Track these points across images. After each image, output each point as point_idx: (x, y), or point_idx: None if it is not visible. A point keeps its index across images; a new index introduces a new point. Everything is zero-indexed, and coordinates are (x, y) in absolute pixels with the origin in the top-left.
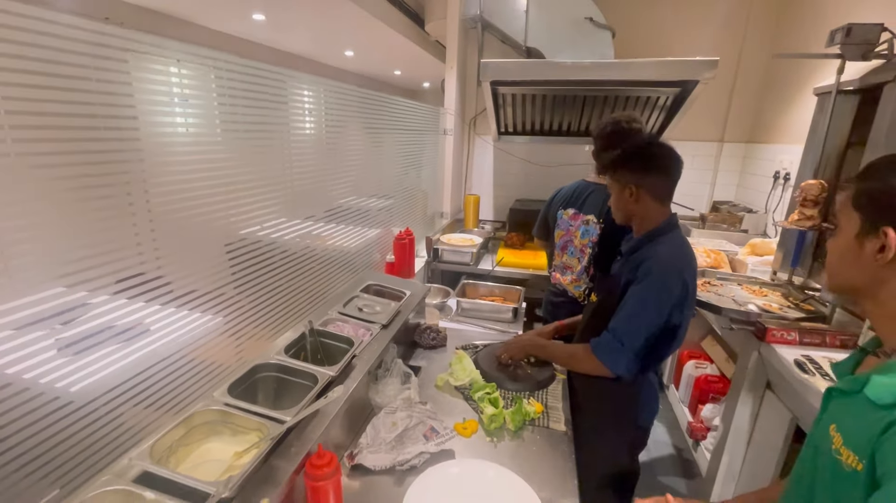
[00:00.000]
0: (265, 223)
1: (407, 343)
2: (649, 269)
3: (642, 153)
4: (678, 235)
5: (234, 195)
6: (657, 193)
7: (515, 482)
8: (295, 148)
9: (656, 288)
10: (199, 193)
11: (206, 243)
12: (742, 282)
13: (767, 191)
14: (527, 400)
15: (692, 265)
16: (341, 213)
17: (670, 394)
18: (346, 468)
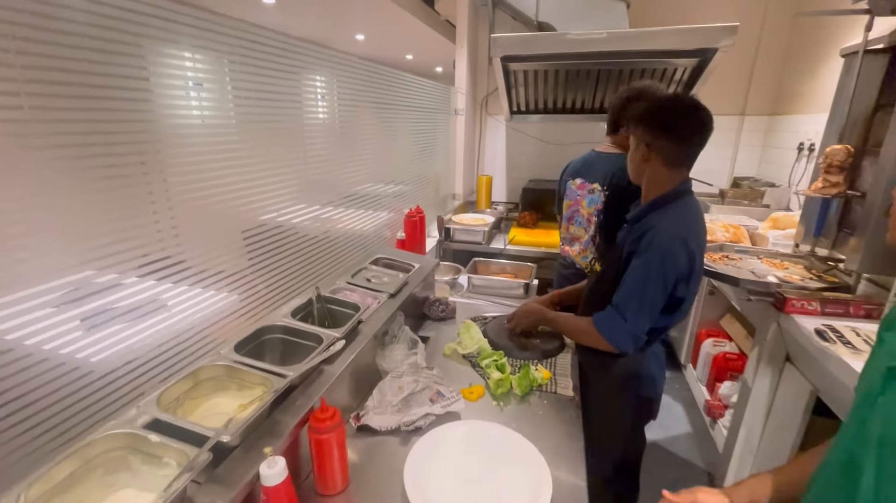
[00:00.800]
0: (282, 209)
1: (416, 315)
2: (651, 241)
3: (661, 110)
4: (688, 203)
5: (250, 182)
6: (669, 158)
7: (520, 442)
8: (308, 132)
9: (658, 260)
10: (216, 182)
11: (223, 229)
12: (762, 255)
13: (791, 164)
14: (534, 367)
15: (700, 234)
16: (356, 199)
17: (687, 373)
18: (351, 429)
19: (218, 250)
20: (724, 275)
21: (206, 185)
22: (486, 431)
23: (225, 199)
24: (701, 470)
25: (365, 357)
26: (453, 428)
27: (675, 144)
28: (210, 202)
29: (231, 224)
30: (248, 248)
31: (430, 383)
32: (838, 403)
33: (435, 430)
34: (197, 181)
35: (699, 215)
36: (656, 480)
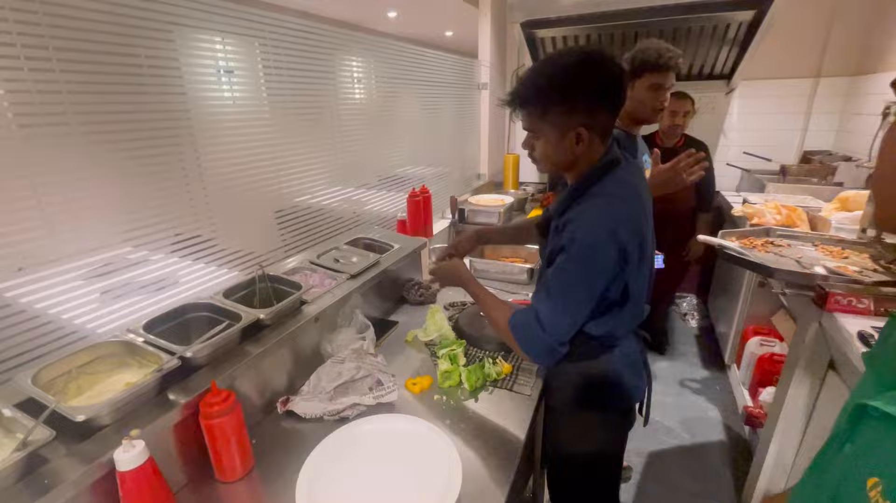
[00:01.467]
0: (315, 191)
1: (395, 298)
2: (572, 237)
3: (584, 79)
4: (618, 179)
5: (282, 163)
6: (606, 130)
7: (441, 445)
8: (339, 114)
9: (580, 261)
10: (249, 163)
11: (255, 209)
12: (818, 241)
13: (873, 134)
14: (493, 361)
15: (633, 217)
16: (388, 181)
17: (731, 374)
18: (278, 414)
19: (250, 229)
20: (753, 263)
21: (238, 167)
22: (408, 428)
23: (257, 180)
24: (729, 486)
25: (309, 339)
26: (374, 422)
27: (609, 107)
28: (243, 183)
29: (263, 204)
30: (280, 227)
31: (372, 371)
32: None
33: (350, 425)
34: (230, 163)
35: (636, 190)
36: (676, 492)
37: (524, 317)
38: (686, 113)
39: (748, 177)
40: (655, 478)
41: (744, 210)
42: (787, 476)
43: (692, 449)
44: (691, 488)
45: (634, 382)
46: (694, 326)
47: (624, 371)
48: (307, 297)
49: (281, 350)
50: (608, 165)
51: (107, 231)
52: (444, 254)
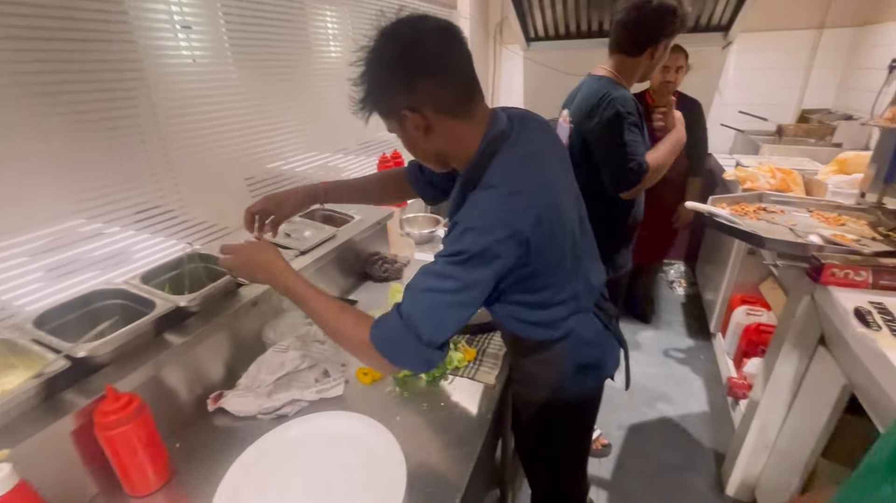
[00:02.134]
0: (289, 156)
1: (358, 274)
2: (461, 239)
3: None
4: (507, 158)
5: (253, 128)
6: (447, 105)
7: (385, 446)
8: (318, 77)
9: (464, 266)
10: (216, 129)
11: (224, 177)
12: (813, 207)
13: (877, 90)
14: (454, 345)
15: (533, 203)
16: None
17: (716, 343)
18: (208, 412)
19: (219, 199)
20: (744, 232)
21: (203, 131)
22: (350, 428)
23: (225, 144)
24: (709, 457)
25: (248, 325)
26: (313, 421)
27: (438, 80)
28: (209, 148)
29: (233, 171)
30: (253, 195)
31: (319, 360)
32: (876, 407)
33: (287, 425)
34: (193, 126)
35: (534, 163)
36: (655, 465)
37: (390, 322)
38: (679, 68)
39: (742, 138)
40: (635, 451)
41: (736, 174)
42: (769, 451)
43: (674, 421)
44: (672, 461)
45: (598, 364)
46: (681, 294)
47: (583, 356)
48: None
49: (211, 339)
50: (491, 146)
51: (54, 201)
52: (248, 223)
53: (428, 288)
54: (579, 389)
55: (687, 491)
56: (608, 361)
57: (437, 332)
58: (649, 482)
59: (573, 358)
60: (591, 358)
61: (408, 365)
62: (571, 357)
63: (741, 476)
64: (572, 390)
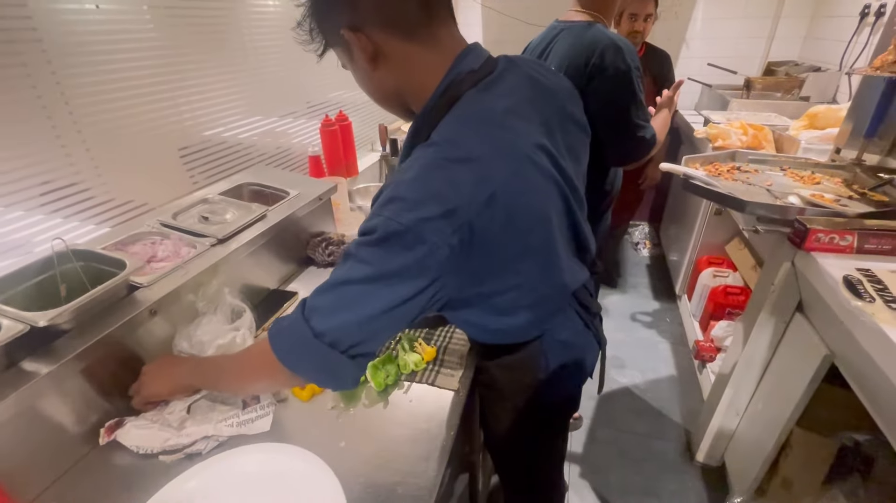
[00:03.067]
0: (229, 123)
1: (299, 260)
2: (381, 213)
3: None
4: (469, 110)
5: (185, 91)
6: (397, 21)
7: (326, 486)
8: (257, 33)
9: (380, 252)
10: (136, 91)
11: (152, 148)
12: (787, 165)
13: (847, 39)
14: (409, 344)
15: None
16: (323, 108)
17: (681, 305)
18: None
19: (147, 173)
20: (726, 196)
21: (121, 96)
22: (281, 466)
23: (151, 111)
24: (678, 424)
25: (150, 337)
26: (233, 458)
27: None
28: (129, 114)
29: (163, 141)
30: (188, 169)
31: None
32: (859, 377)
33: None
34: (107, 90)
35: (510, 123)
36: (626, 435)
37: (291, 324)
38: (648, 16)
39: (709, 92)
40: (606, 421)
41: (707, 131)
42: (740, 418)
43: (642, 386)
44: (641, 429)
45: (577, 364)
46: (645, 256)
47: (559, 359)
48: (140, 279)
49: (100, 358)
50: (453, 87)
51: None
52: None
53: (339, 276)
54: (554, 395)
55: (657, 459)
56: (587, 362)
57: (343, 333)
58: (620, 453)
59: (547, 361)
60: (569, 359)
61: (308, 372)
62: (545, 360)
63: (711, 442)
64: (546, 396)
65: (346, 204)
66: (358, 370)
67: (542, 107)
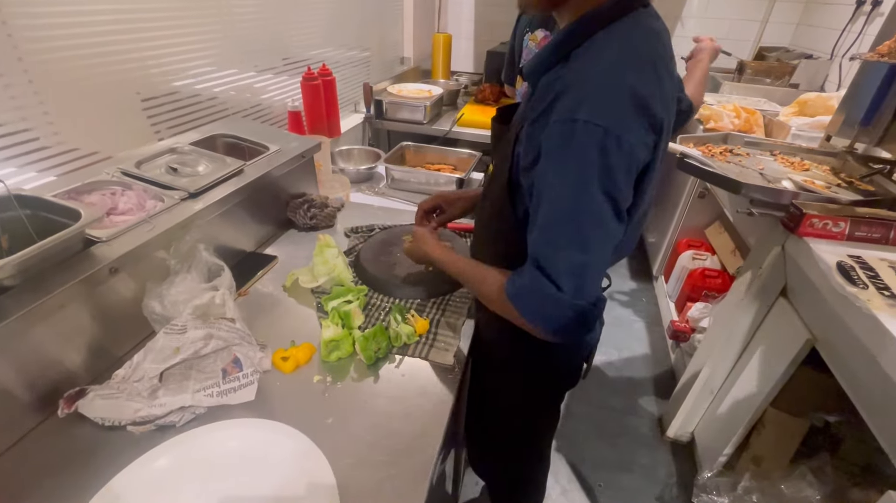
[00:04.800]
0: (200, 74)
1: (279, 222)
2: (570, 117)
3: None
4: (642, 24)
5: (148, 36)
6: None
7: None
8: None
9: (590, 157)
10: (89, 28)
11: (111, 95)
12: (778, 150)
13: (840, 27)
14: (401, 316)
15: (658, 69)
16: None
17: (657, 286)
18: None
19: (105, 121)
20: (722, 177)
21: (72, 30)
22: (262, 442)
23: (109, 54)
24: (651, 401)
25: (122, 295)
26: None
27: None
28: (85, 55)
29: (124, 89)
30: (152, 123)
31: (229, 342)
32: (840, 361)
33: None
34: (55, 22)
35: (659, 48)
36: (601, 410)
37: (524, 279)
38: None
39: None
40: (581, 397)
41: (700, 112)
42: (713, 396)
43: (617, 364)
44: (616, 405)
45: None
46: None
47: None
48: (98, 233)
49: (45, 322)
50: (623, 3)
51: None
52: (419, 218)
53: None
54: (562, 362)
55: (630, 434)
56: (594, 335)
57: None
58: (595, 427)
59: None
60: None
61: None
62: None
63: (682, 419)
64: (555, 360)
65: (329, 165)
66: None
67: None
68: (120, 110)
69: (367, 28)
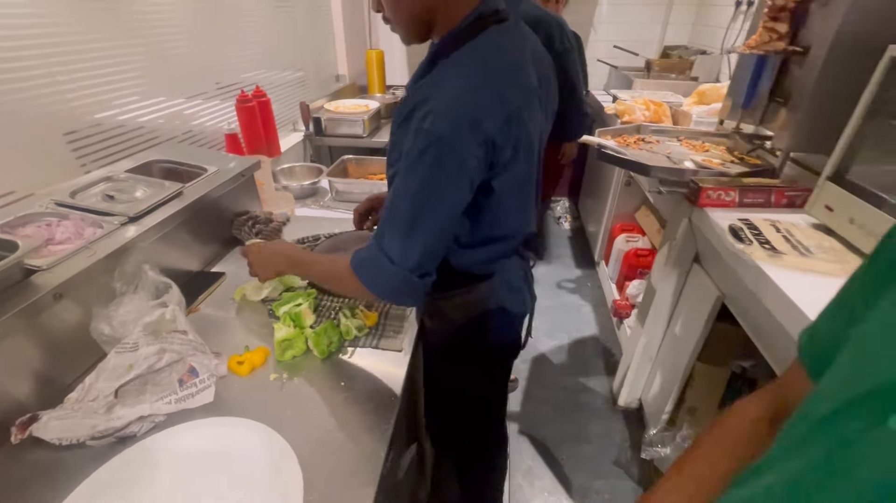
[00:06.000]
0: (126, 105)
1: (224, 240)
2: (420, 128)
3: None
4: (493, 39)
5: (68, 67)
6: None
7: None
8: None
9: (431, 162)
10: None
11: (28, 132)
12: (682, 136)
13: (725, 25)
14: (351, 312)
15: (506, 99)
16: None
17: (600, 270)
18: (23, 444)
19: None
20: (634, 162)
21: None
22: (224, 439)
23: (26, 89)
24: (602, 376)
25: (66, 321)
26: (171, 438)
27: None
28: None
29: (41, 124)
30: (78, 157)
31: (183, 354)
32: (745, 312)
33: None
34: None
35: (517, 61)
36: (557, 391)
37: (366, 252)
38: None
39: (616, 73)
40: (539, 381)
41: (616, 107)
42: (652, 362)
43: (569, 346)
44: (571, 384)
45: (518, 311)
46: (567, 228)
47: (507, 300)
48: (38, 262)
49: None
50: (479, 22)
51: None
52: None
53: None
54: (502, 334)
55: (586, 409)
56: (527, 307)
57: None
58: (554, 408)
59: (497, 299)
60: (514, 300)
61: (382, 287)
62: (495, 299)
63: (630, 388)
64: (495, 335)
65: (271, 183)
66: (426, 287)
67: (530, 51)
68: (40, 146)
69: (300, 49)
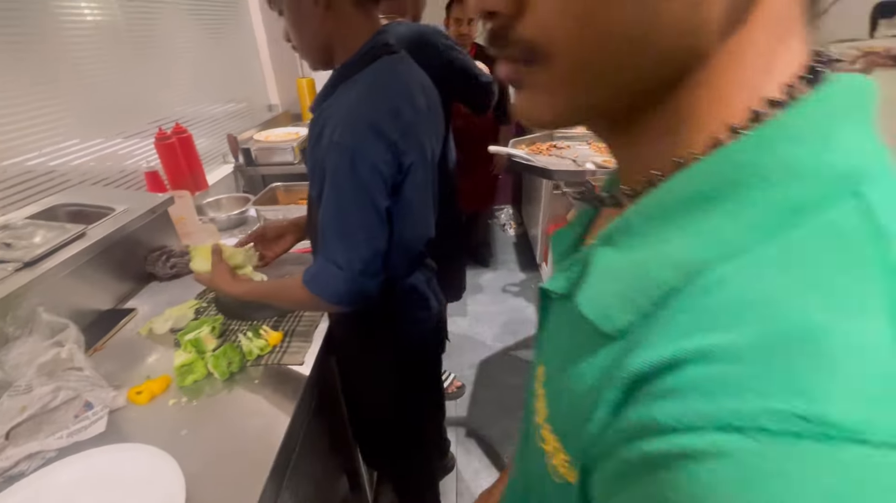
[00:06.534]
0: (46, 147)
1: (137, 276)
2: (329, 145)
3: None
4: (387, 67)
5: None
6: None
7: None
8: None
9: (347, 173)
10: None
11: None
12: (590, 139)
13: None
14: (254, 333)
15: (400, 114)
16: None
17: (543, 272)
18: None
19: None
20: (537, 168)
21: None
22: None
23: None
24: None
25: None
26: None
27: None
28: None
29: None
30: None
31: (80, 391)
32: None
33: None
34: None
35: (407, 86)
36: (502, 391)
37: (314, 267)
38: (471, 20)
39: None
40: (485, 384)
41: None
42: None
43: (514, 346)
44: (514, 383)
45: (423, 311)
46: (512, 235)
47: (409, 302)
48: None
49: None
50: (372, 52)
51: None
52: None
53: (327, 213)
54: (411, 336)
55: None
56: (433, 308)
57: (352, 257)
58: (499, 407)
59: (398, 303)
60: (417, 302)
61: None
62: (396, 303)
63: None
64: (403, 338)
65: (194, 217)
66: (378, 286)
67: (425, 93)
68: None
69: (229, 82)
